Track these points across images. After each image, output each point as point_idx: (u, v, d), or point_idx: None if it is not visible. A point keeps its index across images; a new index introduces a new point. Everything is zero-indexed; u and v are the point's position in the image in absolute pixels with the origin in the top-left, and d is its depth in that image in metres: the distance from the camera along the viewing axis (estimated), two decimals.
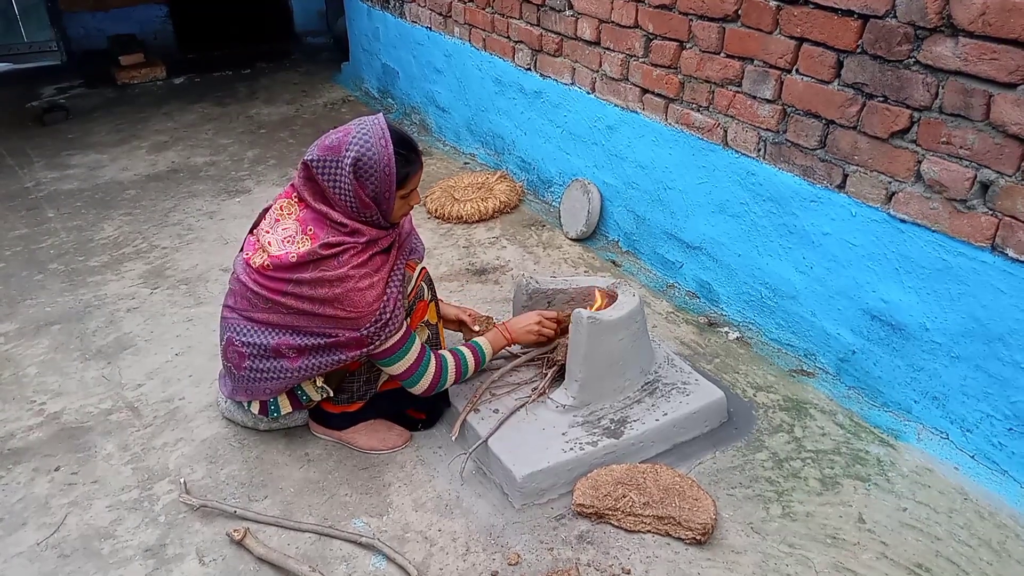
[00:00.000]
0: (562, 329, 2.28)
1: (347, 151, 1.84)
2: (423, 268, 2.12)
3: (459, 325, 2.38)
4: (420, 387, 2.07)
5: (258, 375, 2.00)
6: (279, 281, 1.90)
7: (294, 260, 1.87)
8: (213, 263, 3.21)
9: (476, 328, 2.34)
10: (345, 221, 1.90)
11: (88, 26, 6.37)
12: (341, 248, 1.88)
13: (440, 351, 2.12)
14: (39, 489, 2.09)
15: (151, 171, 4.17)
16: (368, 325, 1.90)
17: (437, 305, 2.18)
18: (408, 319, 2.05)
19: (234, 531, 1.89)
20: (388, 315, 1.92)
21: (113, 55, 5.81)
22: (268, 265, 1.91)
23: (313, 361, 1.95)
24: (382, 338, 1.93)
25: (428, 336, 2.14)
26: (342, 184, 1.86)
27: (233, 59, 6.19)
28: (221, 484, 2.09)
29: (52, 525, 1.98)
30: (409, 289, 2.06)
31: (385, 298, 1.92)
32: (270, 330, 1.96)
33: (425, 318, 2.12)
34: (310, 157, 1.89)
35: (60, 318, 2.86)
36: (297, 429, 2.26)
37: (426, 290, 2.10)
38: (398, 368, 2.02)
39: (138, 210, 3.71)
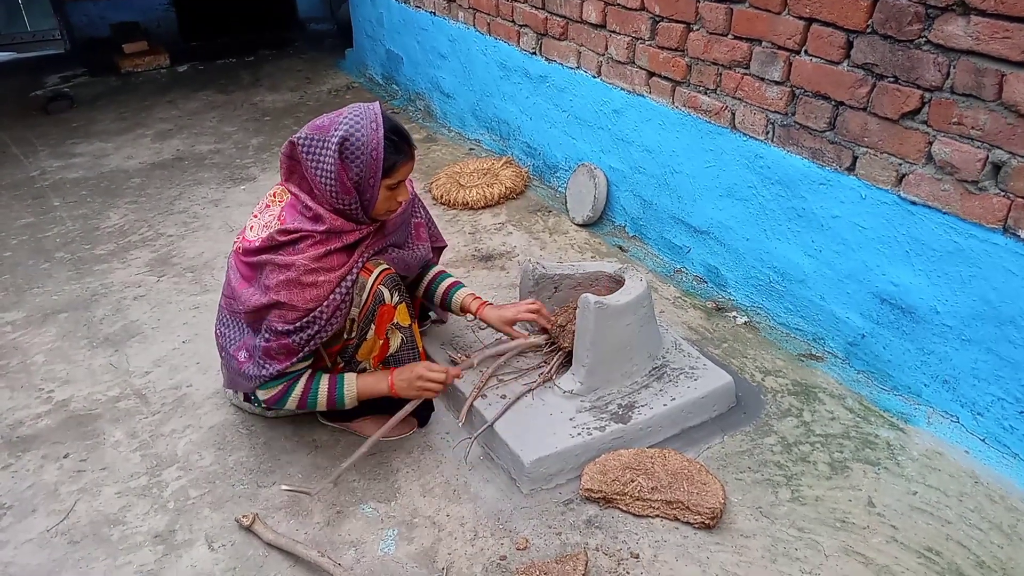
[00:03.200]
0: (569, 317, 2.26)
1: (335, 131, 1.80)
2: (384, 269, 1.95)
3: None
4: (263, 394, 1.94)
5: (226, 369, 2.03)
6: (251, 268, 1.90)
7: (257, 245, 1.87)
8: (219, 251, 3.20)
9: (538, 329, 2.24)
10: (310, 204, 1.85)
11: (91, 14, 6.35)
12: (298, 235, 1.83)
13: (304, 375, 1.95)
14: (48, 476, 2.10)
15: (156, 159, 4.16)
16: (295, 323, 1.81)
17: (408, 306, 2.03)
18: (372, 326, 1.95)
19: (243, 516, 1.90)
20: (322, 322, 1.83)
21: (116, 43, 5.80)
22: (239, 249, 1.93)
23: (253, 370, 1.90)
24: (308, 344, 1.84)
25: (401, 339, 2.02)
26: (325, 165, 1.80)
27: (236, 46, 6.17)
28: (230, 470, 2.10)
29: (62, 512, 1.99)
30: (364, 297, 1.91)
31: (325, 304, 1.82)
32: (239, 322, 1.97)
33: (394, 321, 1.99)
34: (297, 136, 1.85)
35: (67, 306, 2.86)
36: (305, 416, 2.26)
37: (386, 293, 1.93)
38: (263, 393, 1.93)
39: (143, 198, 3.71)
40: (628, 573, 1.78)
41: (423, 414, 2.23)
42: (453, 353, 2.37)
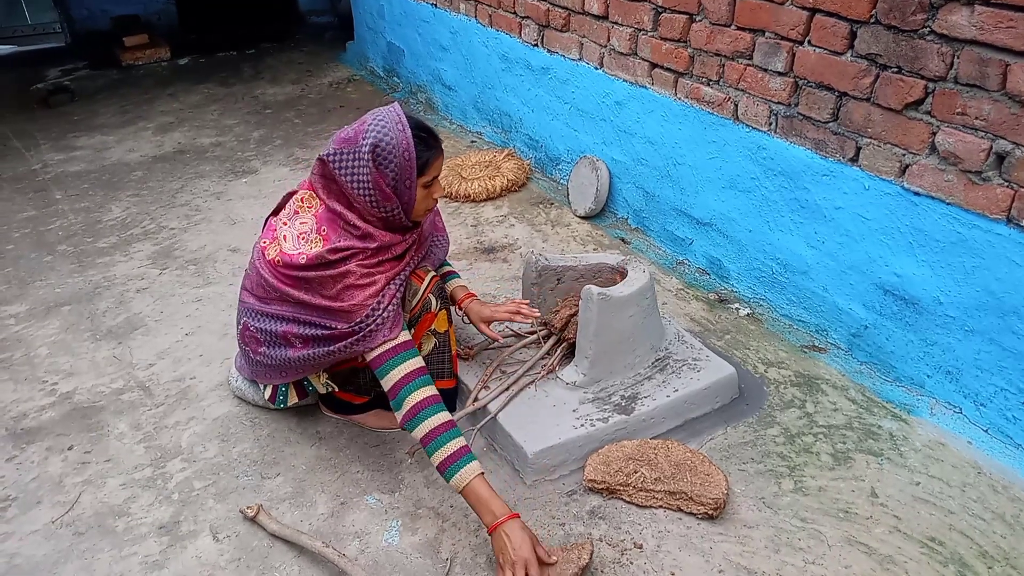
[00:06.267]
0: (572, 310, 2.25)
1: (364, 139, 1.78)
2: (434, 277, 2.02)
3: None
4: (398, 415, 1.83)
5: (272, 360, 1.99)
6: (290, 279, 1.88)
7: (303, 262, 1.84)
8: (221, 243, 3.21)
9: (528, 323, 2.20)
10: (358, 224, 1.84)
11: (91, 7, 6.33)
12: (349, 253, 1.84)
13: (437, 410, 1.81)
14: (53, 468, 2.11)
15: (157, 152, 4.16)
16: (359, 320, 1.82)
17: (448, 312, 2.11)
18: (412, 330, 1.98)
19: (247, 508, 1.90)
20: (381, 311, 1.83)
21: (117, 36, 5.79)
22: (278, 261, 1.89)
23: (317, 351, 1.90)
24: (372, 335, 1.83)
25: (435, 344, 2.08)
26: (361, 175, 1.80)
27: (237, 39, 6.15)
28: (233, 462, 2.10)
29: (66, 503, 1.99)
30: (415, 302, 1.97)
31: (380, 296, 1.84)
32: (279, 315, 1.95)
33: (432, 327, 2.05)
34: (326, 152, 1.84)
35: (70, 299, 2.86)
36: (309, 408, 2.26)
37: (434, 302, 2.01)
38: (386, 383, 1.84)
39: (145, 191, 3.71)
40: (632, 563, 1.78)
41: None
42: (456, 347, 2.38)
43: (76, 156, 4.12)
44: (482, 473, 1.75)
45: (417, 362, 1.85)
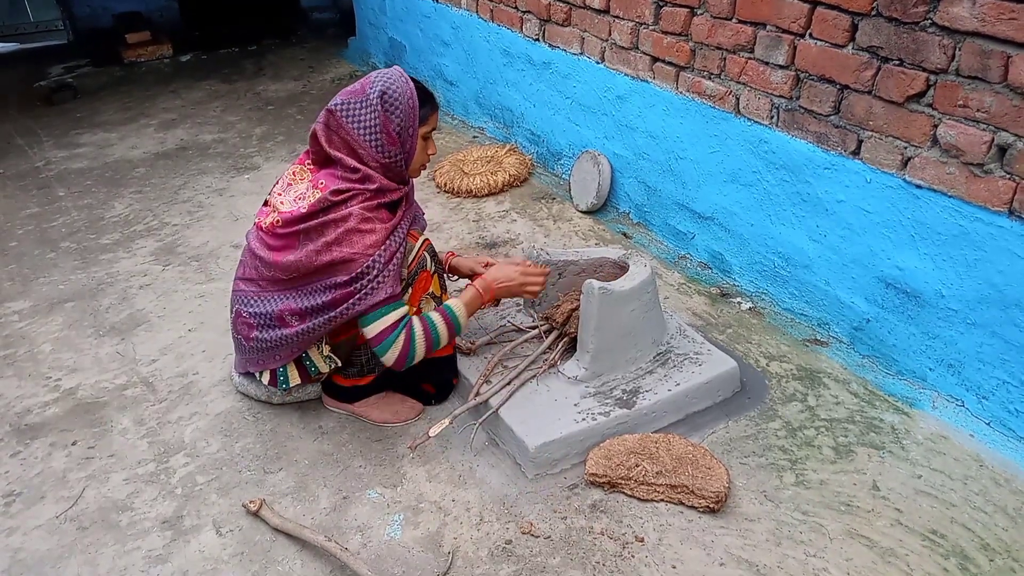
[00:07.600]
0: (574, 304, 2.26)
1: (372, 88, 1.91)
2: (426, 239, 2.09)
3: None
4: (390, 357, 1.96)
5: (265, 344, 2.02)
6: (288, 238, 1.92)
7: (305, 211, 1.90)
8: (224, 239, 3.21)
9: None
10: (357, 166, 1.92)
11: (93, 4, 6.34)
12: (350, 194, 1.90)
13: (414, 319, 1.99)
14: (56, 463, 2.11)
15: (160, 149, 4.17)
16: (359, 270, 1.87)
17: (441, 278, 2.15)
18: (409, 289, 2.04)
19: (250, 502, 1.91)
20: (381, 264, 1.89)
21: (119, 33, 5.79)
22: (278, 221, 1.94)
23: (315, 322, 1.93)
24: (368, 288, 1.88)
25: (434, 308, 2.11)
26: (369, 120, 1.89)
27: (239, 35, 6.15)
28: (236, 457, 2.11)
29: (70, 498, 2.00)
30: (411, 259, 2.04)
31: (383, 248, 1.90)
32: (274, 296, 1.97)
33: (430, 290, 2.09)
34: (334, 103, 1.92)
35: (73, 295, 2.87)
36: (311, 403, 2.27)
37: (428, 260, 2.07)
38: (373, 329, 1.93)
39: (148, 188, 3.71)
40: (633, 556, 1.79)
41: (441, 392, 2.26)
42: (458, 339, 2.38)
43: (79, 153, 4.13)
44: (458, 299, 2.06)
45: (400, 312, 1.96)
